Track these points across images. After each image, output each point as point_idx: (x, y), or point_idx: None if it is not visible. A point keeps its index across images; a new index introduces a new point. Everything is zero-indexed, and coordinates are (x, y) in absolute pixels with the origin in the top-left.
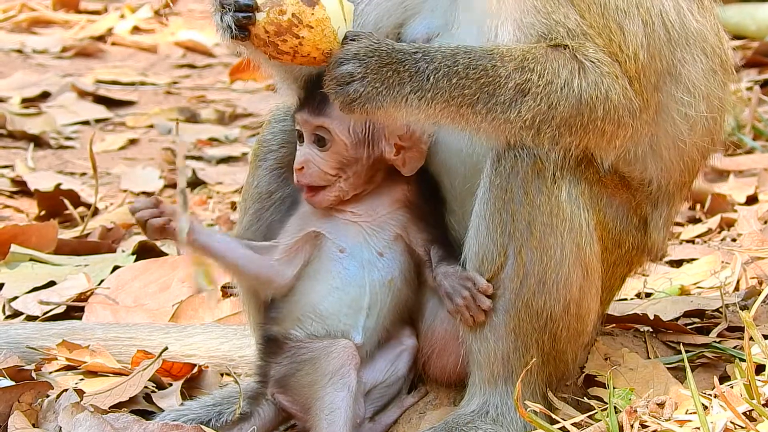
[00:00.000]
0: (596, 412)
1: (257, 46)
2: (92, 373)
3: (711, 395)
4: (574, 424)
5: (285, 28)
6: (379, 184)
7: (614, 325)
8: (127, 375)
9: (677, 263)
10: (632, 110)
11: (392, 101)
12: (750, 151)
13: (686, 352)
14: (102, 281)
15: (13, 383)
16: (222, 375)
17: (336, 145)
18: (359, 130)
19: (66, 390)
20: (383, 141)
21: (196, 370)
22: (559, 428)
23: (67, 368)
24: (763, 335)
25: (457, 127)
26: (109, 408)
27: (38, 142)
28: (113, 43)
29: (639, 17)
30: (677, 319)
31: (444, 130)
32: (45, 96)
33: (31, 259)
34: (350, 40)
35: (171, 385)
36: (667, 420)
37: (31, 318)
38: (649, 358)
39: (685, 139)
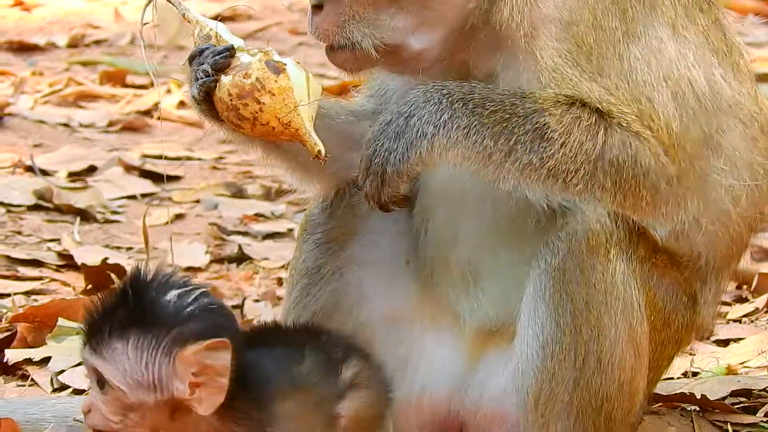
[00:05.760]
0: None
1: (221, 110)
2: None
3: None
4: None
5: (247, 91)
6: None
7: (661, 404)
8: None
9: (724, 342)
10: (668, 176)
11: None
12: None
13: (734, 431)
14: None
15: None
16: None
17: (113, 390)
18: (139, 374)
19: None
20: (174, 380)
21: None
22: None
23: None
24: None
25: (486, 166)
26: None
27: (85, 216)
28: (159, 118)
29: (668, 89)
30: (724, 398)
31: (479, 174)
32: (91, 170)
33: (78, 333)
34: None
35: None
36: None
37: (78, 392)
38: None
39: (730, 211)
